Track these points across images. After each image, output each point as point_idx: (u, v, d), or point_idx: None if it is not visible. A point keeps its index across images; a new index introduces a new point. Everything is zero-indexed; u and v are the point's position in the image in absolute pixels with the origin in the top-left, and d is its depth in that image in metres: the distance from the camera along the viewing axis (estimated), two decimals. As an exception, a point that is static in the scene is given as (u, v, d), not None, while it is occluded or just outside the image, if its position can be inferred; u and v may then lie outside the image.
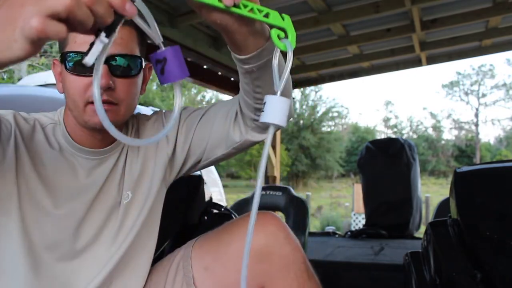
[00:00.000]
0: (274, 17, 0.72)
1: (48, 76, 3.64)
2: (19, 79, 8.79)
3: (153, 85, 23.44)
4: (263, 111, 0.64)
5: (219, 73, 4.17)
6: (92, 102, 0.89)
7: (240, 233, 1.04)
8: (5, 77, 12.26)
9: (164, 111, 1.14)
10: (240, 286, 1.01)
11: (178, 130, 1.08)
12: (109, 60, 0.90)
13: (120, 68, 0.92)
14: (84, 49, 0.85)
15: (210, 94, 26.56)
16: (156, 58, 0.59)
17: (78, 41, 0.90)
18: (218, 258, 1.05)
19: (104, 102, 0.89)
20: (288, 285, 1.01)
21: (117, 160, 1.03)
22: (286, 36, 0.72)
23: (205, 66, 3.93)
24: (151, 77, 1.09)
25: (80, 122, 0.94)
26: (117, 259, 1.00)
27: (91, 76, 0.86)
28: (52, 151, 0.96)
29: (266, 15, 0.72)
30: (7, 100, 2.32)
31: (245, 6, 0.71)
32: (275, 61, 0.69)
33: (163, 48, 0.60)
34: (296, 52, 4.01)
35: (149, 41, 0.64)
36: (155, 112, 1.14)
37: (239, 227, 1.05)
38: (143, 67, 0.99)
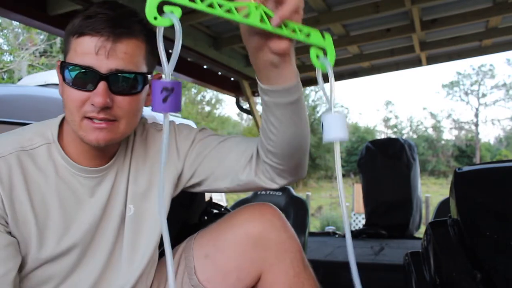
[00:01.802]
0: (315, 36, 0.74)
1: (48, 76, 3.64)
2: (19, 79, 8.79)
3: (153, 85, 23.35)
4: (323, 130, 0.68)
5: (219, 73, 4.16)
6: (88, 117, 0.85)
7: (238, 221, 1.05)
8: (5, 77, 12.25)
9: (177, 123, 1.10)
10: (238, 273, 1.03)
11: (190, 148, 1.05)
12: (108, 77, 0.83)
13: (120, 85, 0.85)
14: (84, 61, 0.83)
15: (210, 94, 26.56)
16: (164, 86, 0.58)
17: (79, 51, 0.84)
18: (218, 245, 1.06)
19: (101, 120, 0.85)
20: (284, 271, 1.01)
21: (117, 174, 0.99)
22: (325, 54, 0.74)
23: (205, 66, 3.93)
24: None
25: (77, 136, 0.89)
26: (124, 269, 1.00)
27: (90, 91, 0.83)
28: (47, 178, 0.91)
29: (308, 35, 0.74)
30: (7, 100, 2.32)
31: (287, 26, 0.73)
32: (320, 77, 0.70)
33: (168, 79, 0.59)
34: (296, 52, 4.02)
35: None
36: (169, 123, 1.09)
37: (238, 216, 1.06)
38: (148, 82, 0.92)
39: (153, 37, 0.92)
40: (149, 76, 0.91)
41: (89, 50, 0.83)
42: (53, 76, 3.51)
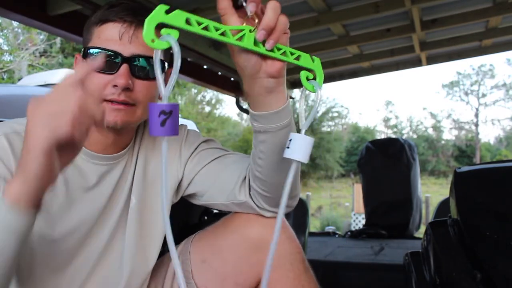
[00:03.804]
0: (305, 59, 0.77)
1: (48, 76, 3.64)
2: (19, 79, 8.79)
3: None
4: (288, 147, 0.68)
5: (219, 73, 4.16)
6: (108, 100, 0.88)
7: (235, 224, 1.04)
8: (5, 77, 12.26)
9: (188, 128, 1.11)
10: (236, 278, 1.02)
11: (191, 155, 1.06)
12: (130, 60, 0.88)
13: (141, 70, 0.90)
14: (108, 46, 0.87)
15: (210, 94, 26.56)
16: (162, 109, 0.56)
17: (103, 37, 0.89)
18: (215, 250, 1.05)
19: (121, 102, 0.88)
20: (284, 274, 1.00)
21: (126, 165, 1.01)
22: (315, 78, 0.76)
23: (205, 66, 3.93)
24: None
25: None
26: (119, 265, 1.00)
27: (112, 73, 0.87)
28: None
29: (297, 58, 0.77)
30: (7, 100, 2.32)
31: (278, 49, 0.75)
32: (302, 101, 0.72)
33: (165, 102, 0.57)
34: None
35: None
36: (180, 127, 1.10)
37: (234, 219, 1.05)
38: (165, 71, 0.97)
39: None
40: (166, 66, 0.97)
41: (113, 36, 0.88)
42: (53, 76, 3.50)
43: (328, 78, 4.99)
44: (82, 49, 0.92)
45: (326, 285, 1.14)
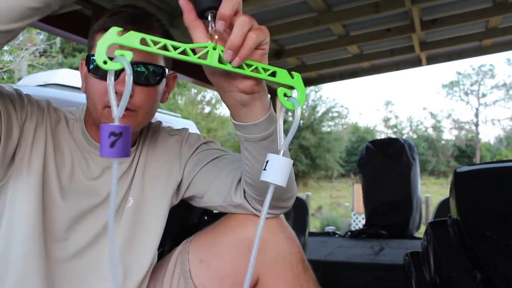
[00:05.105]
0: (282, 75, 0.72)
1: (48, 76, 3.64)
2: (19, 79, 8.79)
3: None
4: (265, 169, 0.64)
5: (219, 73, 4.16)
6: (109, 107, 0.89)
7: (233, 224, 1.04)
8: (5, 77, 12.25)
9: (189, 132, 1.13)
10: (234, 277, 1.02)
11: (190, 157, 1.07)
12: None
13: (140, 76, 0.90)
14: (109, 53, 0.87)
15: (210, 94, 26.54)
16: (111, 130, 0.56)
17: None
18: (212, 249, 1.06)
19: None
20: (282, 274, 1.00)
21: (130, 164, 1.03)
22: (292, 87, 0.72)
23: (205, 66, 3.93)
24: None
25: (97, 124, 0.94)
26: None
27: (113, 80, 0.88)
28: (73, 143, 0.98)
29: (273, 74, 0.71)
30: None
31: (250, 66, 0.71)
32: (281, 120, 0.69)
33: (117, 123, 0.57)
34: (296, 52, 4.02)
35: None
36: (181, 130, 1.13)
37: (232, 219, 1.05)
38: (165, 76, 0.98)
39: (169, 37, 0.96)
40: (166, 71, 0.97)
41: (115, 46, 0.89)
42: (53, 76, 3.50)
43: (328, 78, 5.00)
44: (86, 56, 0.95)
45: (326, 285, 1.14)
